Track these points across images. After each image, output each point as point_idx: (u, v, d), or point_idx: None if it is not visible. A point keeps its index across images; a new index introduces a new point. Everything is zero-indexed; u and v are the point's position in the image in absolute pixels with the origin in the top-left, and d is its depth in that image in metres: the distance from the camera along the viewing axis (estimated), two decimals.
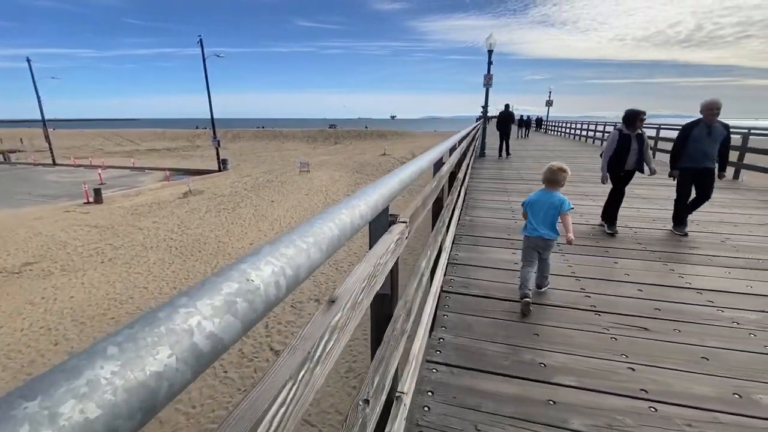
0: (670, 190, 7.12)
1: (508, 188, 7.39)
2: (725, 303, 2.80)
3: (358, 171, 22.90)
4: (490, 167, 10.78)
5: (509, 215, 5.34)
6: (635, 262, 3.58)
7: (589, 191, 6.99)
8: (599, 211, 5.47)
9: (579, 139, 23.67)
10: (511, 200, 6.31)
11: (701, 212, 5.39)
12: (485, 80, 12.36)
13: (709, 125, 4.13)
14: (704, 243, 4.11)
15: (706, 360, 2.14)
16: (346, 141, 52.90)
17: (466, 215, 5.33)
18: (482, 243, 4.15)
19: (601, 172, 4.51)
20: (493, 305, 2.78)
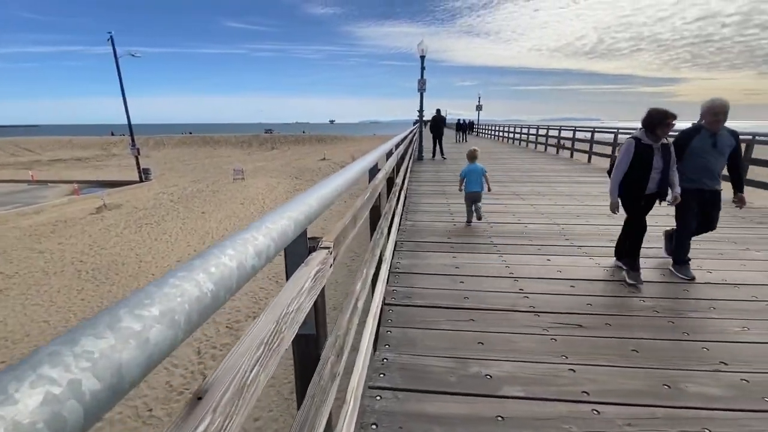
0: (591, 186, 7.80)
1: (447, 191, 7.52)
2: (646, 293, 3.00)
3: (297, 177, 22.20)
4: (428, 170, 10.98)
5: (449, 218, 5.38)
6: (565, 258, 3.75)
7: (518, 191, 7.36)
8: (529, 210, 5.79)
9: (507, 141, 25.29)
10: (450, 203, 6.40)
11: None
12: (419, 85, 12.61)
13: (714, 133, 3.19)
14: None
15: (636, 352, 2.23)
16: (284, 146, 51.28)
17: (407, 220, 5.28)
18: (424, 248, 4.10)
19: (610, 197, 3.28)
20: (437, 315, 2.69)
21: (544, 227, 4.85)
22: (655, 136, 3.00)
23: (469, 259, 3.78)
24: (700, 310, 2.72)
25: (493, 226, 4.93)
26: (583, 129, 13.58)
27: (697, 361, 2.14)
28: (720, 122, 3.16)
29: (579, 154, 13.48)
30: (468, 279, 3.29)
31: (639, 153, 3.05)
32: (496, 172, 9.96)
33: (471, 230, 4.76)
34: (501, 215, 5.48)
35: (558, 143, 15.65)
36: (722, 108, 3.13)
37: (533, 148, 18.46)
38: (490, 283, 3.21)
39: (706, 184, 3.30)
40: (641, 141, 3.06)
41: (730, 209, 5.70)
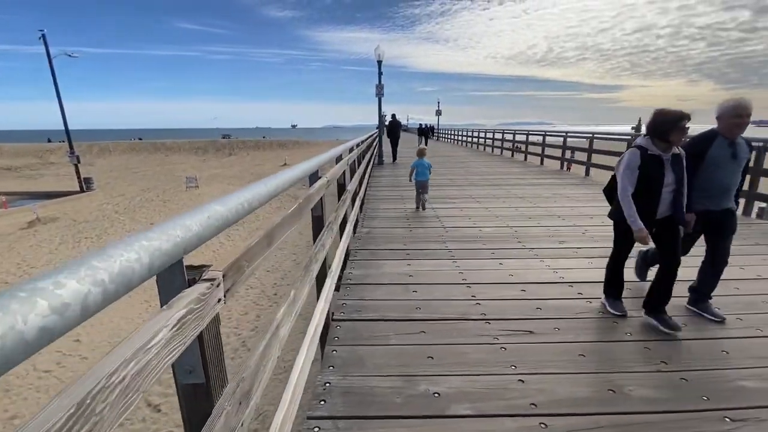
0: (543, 188, 8.06)
1: (405, 196, 7.47)
2: (592, 293, 3.05)
3: None
4: (388, 175, 10.93)
5: (406, 224, 5.31)
6: (517, 262, 3.77)
7: (474, 194, 7.45)
8: (485, 213, 5.85)
9: (466, 145, 25.93)
10: (407, 208, 6.34)
11: (565, 207, 6.11)
12: (377, 90, 12.57)
13: (732, 141, 2.56)
14: (570, 236, 4.57)
15: (583, 357, 2.22)
16: (243, 152, 49.60)
17: (363, 227, 5.15)
18: (379, 256, 3.98)
19: (632, 225, 2.47)
20: (388, 328, 2.57)
21: (498, 230, 4.89)
22: (665, 144, 2.39)
23: (423, 266, 3.70)
24: (641, 309, 2.78)
25: (449, 231, 4.91)
26: (535, 133, 14.13)
27: (639, 362, 2.16)
28: (743, 127, 2.52)
29: (532, 156, 14.00)
30: (421, 288, 3.20)
31: (645, 167, 2.41)
32: (456, 176, 10.08)
33: (427, 235, 4.70)
34: (457, 219, 5.48)
35: (513, 147, 16.20)
36: (747, 109, 2.49)
37: (490, 152, 19.01)
38: (443, 291, 3.14)
39: (722, 202, 2.63)
40: (647, 151, 2.42)
41: None
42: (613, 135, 10.16)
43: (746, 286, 3.14)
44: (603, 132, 10.26)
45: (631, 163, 2.46)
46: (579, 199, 6.73)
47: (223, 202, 0.99)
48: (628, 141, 8.58)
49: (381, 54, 12.29)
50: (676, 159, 2.44)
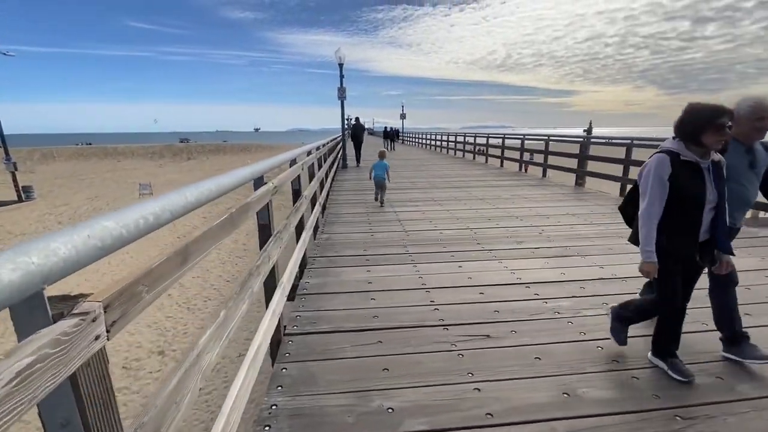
0: (502, 189, 8.24)
1: (367, 200, 7.38)
2: (547, 294, 3.08)
3: None
4: (352, 179, 10.81)
5: (367, 228, 5.21)
6: (476, 264, 3.77)
7: (437, 196, 7.48)
8: (446, 215, 5.87)
9: (430, 148, 26.30)
10: (369, 212, 6.25)
11: (524, 208, 6.25)
12: (339, 93, 12.43)
13: (750, 148, 2.14)
14: (527, 237, 4.66)
15: (539, 360, 2.21)
16: (202, 156, 47.69)
17: (323, 233, 4.99)
18: (338, 263, 3.85)
19: (642, 253, 1.97)
20: (343, 340, 2.45)
21: (459, 233, 4.90)
22: (701, 149, 1.84)
23: (383, 271, 3.61)
24: (594, 308, 2.84)
25: (410, 234, 4.86)
26: (495, 136, 14.52)
27: (592, 363, 2.18)
28: (764, 131, 2.08)
29: (493, 159, 14.38)
30: (380, 295, 3.10)
31: (678, 178, 1.85)
32: (419, 179, 10.13)
33: (388, 240, 4.63)
34: (419, 222, 5.45)
35: (474, 150, 16.58)
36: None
37: (453, 155, 19.36)
38: (402, 297, 3.06)
39: (735, 218, 2.19)
40: (680, 157, 1.86)
41: (615, 205, 6.38)
42: (567, 137, 10.61)
43: None
44: (558, 135, 10.70)
45: (660, 172, 1.86)
46: (536, 200, 6.92)
47: (116, 216, 0.84)
48: (581, 143, 8.98)
49: (342, 57, 12.17)
50: (716, 168, 1.88)
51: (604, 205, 6.37)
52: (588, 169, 8.65)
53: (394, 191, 8.24)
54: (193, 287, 8.10)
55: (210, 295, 7.74)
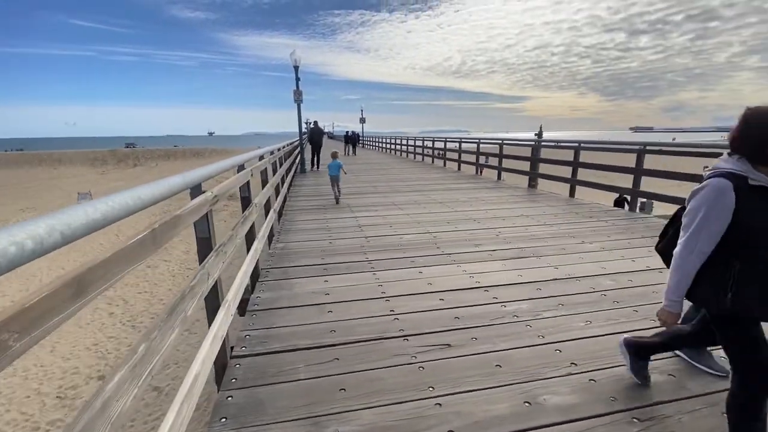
0: (460, 192, 8.36)
1: (326, 205, 7.19)
2: (506, 297, 3.08)
3: None
4: (310, 184, 10.55)
5: (325, 235, 5.03)
6: (436, 269, 3.72)
7: (397, 200, 7.44)
8: (406, 219, 5.81)
9: (390, 152, 26.45)
10: (328, 218, 6.07)
11: (480, 210, 6.34)
12: (295, 96, 12.12)
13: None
14: (485, 239, 4.70)
15: (499, 367, 2.16)
16: (151, 162, 44.92)
17: (278, 242, 4.75)
18: (293, 275, 3.64)
19: (666, 299, 1.59)
20: (297, 360, 2.27)
21: (419, 237, 4.86)
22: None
23: (341, 281, 3.46)
24: (551, 309, 2.87)
25: (370, 240, 4.75)
26: (452, 140, 14.82)
27: (551, 367, 2.16)
28: None
29: (450, 162, 14.66)
30: (337, 306, 2.95)
31: (748, 211, 1.37)
32: (379, 183, 10.07)
33: (347, 247, 4.48)
34: (379, 228, 5.35)
35: (433, 153, 16.85)
36: None
37: (413, 159, 19.56)
38: (360, 308, 2.92)
39: None
40: (747, 181, 1.38)
41: (566, 205, 6.66)
42: (520, 141, 11.02)
43: (638, 277, 3.44)
44: (511, 138, 11.08)
45: (720, 202, 1.38)
46: (493, 202, 7.07)
47: None
48: (533, 146, 9.33)
49: (297, 59, 11.89)
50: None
51: (556, 206, 6.62)
52: (540, 171, 9.00)
53: (355, 195, 8.11)
54: (138, 303, 7.48)
55: (158, 311, 7.17)
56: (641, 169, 6.16)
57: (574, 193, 7.67)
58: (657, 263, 3.77)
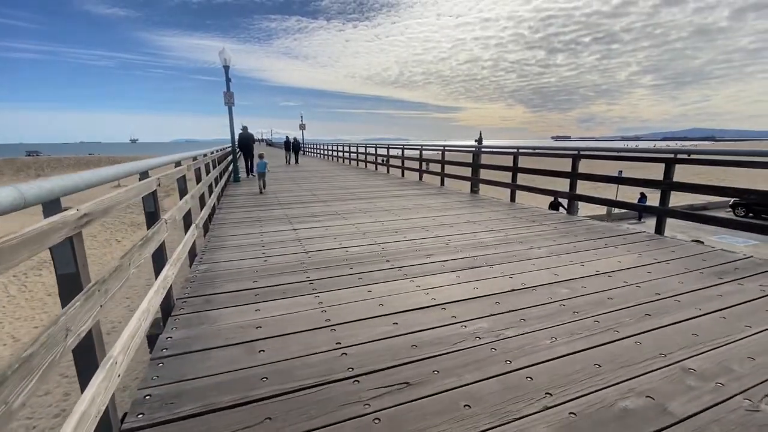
0: (405, 199, 8.11)
1: (262, 216, 6.52)
2: (465, 314, 2.79)
3: None
4: (245, 192, 9.68)
5: (259, 252, 4.42)
6: (387, 286, 3.34)
7: (340, 209, 7.00)
8: (351, 230, 5.38)
9: (332, 159, 25.87)
10: (263, 231, 5.43)
11: (427, 217, 6.12)
12: (225, 98, 11.16)
13: None
14: (435, 248, 4.44)
15: (468, 408, 1.83)
16: (57, 172, 39.54)
17: (201, 263, 4.05)
18: (217, 304, 3.03)
19: None
20: (216, 425, 1.73)
21: (366, 249, 4.46)
22: None
23: (277, 308, 2.93)
24: (513, 326, 2.62)
25: (312, 255, 4.25)
26: (395, 147, 14.73)
27: (526, 401, 1.87)
28: None
29: (394, 169, 14.53)
30: (271, 344, 2.43)
31: None
32: (321, 192, 9.53)
33: (285, 265, 3.94)
34: (322, 240, 4.86)
35: (375, 160, 16.65)
36: None
37: (356, 166, 19.22)
38: (300, 343, 2.44)
39: None
40: None
41: (509, 210, 6.71)
42: (461, 147, 11.16)
43: (591, 283, 3.36)
44: (452, 145, 11.20)
45: None
46: (438, 209, 6.92)
47: None
48: (473, 152, 9.45)
49: (227, 59, 10.98)
50: None
51: (500, 211, 6.63)
52: (481, 176, 9.11)
53: (295, 205, 7.51)
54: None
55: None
56: (577, 173, 6.39)
57: (515, 198, 7.82)
58: (605, 267, 3.76)
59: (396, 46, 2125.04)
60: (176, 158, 4.03)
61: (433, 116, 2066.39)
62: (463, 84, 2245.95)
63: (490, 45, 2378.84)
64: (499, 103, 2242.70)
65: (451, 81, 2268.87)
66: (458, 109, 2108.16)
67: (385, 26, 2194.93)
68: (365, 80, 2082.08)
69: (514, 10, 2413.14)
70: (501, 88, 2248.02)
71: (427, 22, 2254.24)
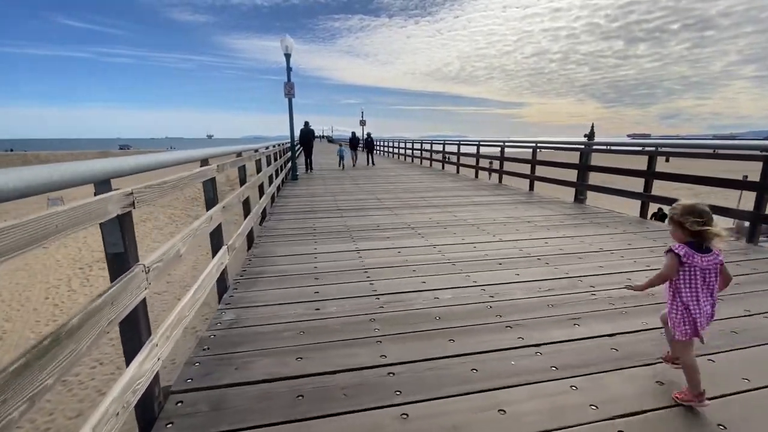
0: (495, 210, 6.25)
1: (318, 227, 5.30)
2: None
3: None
4: (301, 194, 8.63)
5: (311, 291, 3.14)
6: (511, 377, 1.84)
7: (413, 222, 5.54)
8: (434, 255, 3.81)
9: (393, 156, 24.51)
10: (318, 252, 4.18)
11: (534, 238, 4.41)
12: (285, 89, 10.28)
13: None
14: (571, 299, 2.82)
15: None
16: None
17: (228, 307, 2.86)
18: (233, 402, 1.77)
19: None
20: None
21: (462, 294, 2.97)
22: None
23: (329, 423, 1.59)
24: None
25: (385, 304, 2.86)
26: (468, 143, 13.01)
27: None
28: None
29: (463, 168, 12.81)
30: None
31: None
32: (384, 195, 8.20)
33: (346, 323, 2.60)
34: (395, 272, 3.44)
35: (443, 158, 15.02)
36: None
37: (419, 164, 17.72)
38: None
39: None
40: None
41: (649, 233, 4.74)
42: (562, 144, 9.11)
43: None
44: (545, 141, 9.25)
45: None
46: (544, 225, 5.19)
47: None
48: (581, 150, 7.49)
49: (288, 46, 10.07)
50: None
51: (628, 229, 4.76)
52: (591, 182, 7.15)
53: (355, 213, 6.21)
54: None
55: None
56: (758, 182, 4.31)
57: (646, 213, 5.82)
58: None
59: (458, 40, 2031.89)
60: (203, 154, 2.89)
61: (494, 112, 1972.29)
62: (528, 78, 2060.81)
63: (560, 36, 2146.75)
64: (569, 98, 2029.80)
65: (515, 75, 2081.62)
66: (522, 104, 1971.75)
67: (447, 21, 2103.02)
68: (425, 76, 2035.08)
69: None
70: (571, 82, 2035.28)
71: (491, 15, 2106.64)
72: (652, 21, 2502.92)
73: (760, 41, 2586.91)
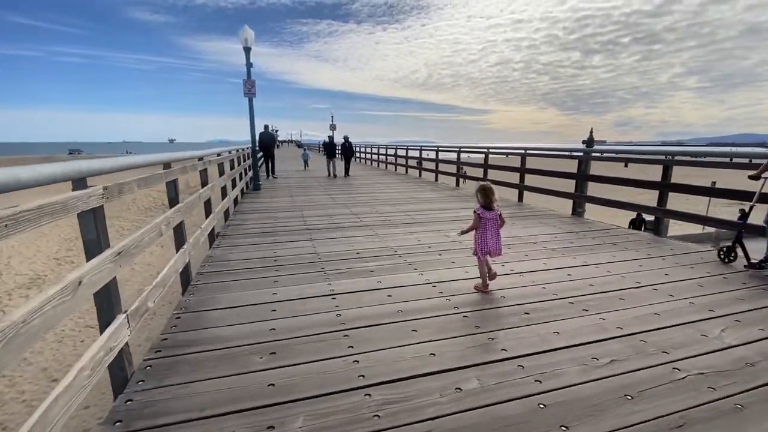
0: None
1: (280, 255, 4.18)
2: None
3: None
4: (261, 208, 7.41)
5: (264, 350, 2.06)
6: None
7: (399, 246, 4.54)
8: (436, 302, 2.81)
9: (365, 162, 23.58)
10: (278, 299, 3.08)
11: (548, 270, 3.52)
12: (245, 87, 9.04)
13: None
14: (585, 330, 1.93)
15: None
16: None
17: (145, 379, 1.74)
18: None
19: None
20: None
21: (517, 399, 2.01)
22: None
23: None
24: None
25: (385, 413, 1.84)
26: (447, 149, 12.25)
27: None
28: None
29: (441, 176, 11.99)
30: None
31: None
32: (361, 208, 7.15)
33: (327, 377, 1.56)
34: (380, 334, 2.43)
35: (419, 165, 14.23)
36: None
37: (394, 171, 16.81)
38: None
39: None
40: None
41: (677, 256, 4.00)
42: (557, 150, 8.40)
43: None
44: (534, 147, 8.57)
45: None
46: (552, 247, 4.36)
47: None
48: (579, 158, 6.79)
49: (248, 39, 8.85)
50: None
51: (638, 249, 4.01)
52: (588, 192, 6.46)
53: (328, 234, 5.11)
54: None
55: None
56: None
57: (663, 231, 5.13)
58: None
59: (425, 48, 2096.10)
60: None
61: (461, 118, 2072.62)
62: (493, 86, 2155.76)
63: (522, 47, 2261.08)
64: (531, 105, 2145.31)
65: (480, 83, 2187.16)
66: (488, 111, 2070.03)
67: (414, 29, 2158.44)
68: (393, 83, 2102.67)
69: (548, 10, 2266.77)
70: (532, 90, 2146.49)
71: (457, 24, 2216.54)
72: (605, 34, 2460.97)
73: (701, 54, 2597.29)
